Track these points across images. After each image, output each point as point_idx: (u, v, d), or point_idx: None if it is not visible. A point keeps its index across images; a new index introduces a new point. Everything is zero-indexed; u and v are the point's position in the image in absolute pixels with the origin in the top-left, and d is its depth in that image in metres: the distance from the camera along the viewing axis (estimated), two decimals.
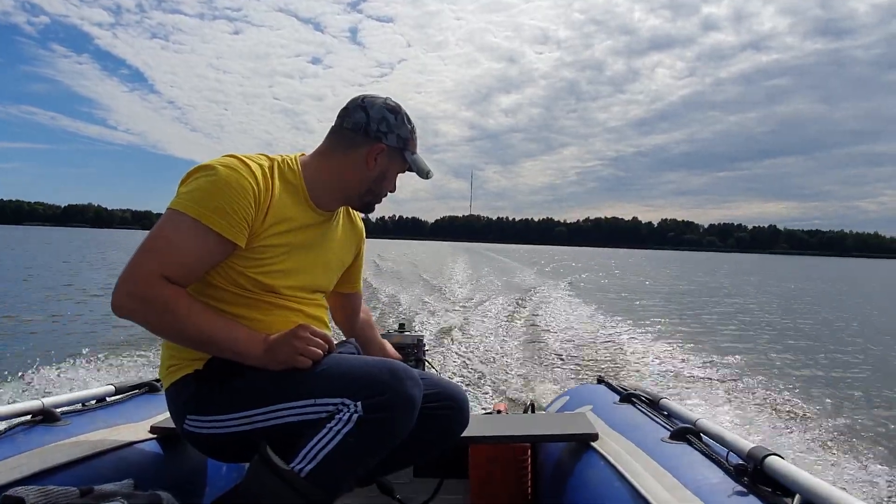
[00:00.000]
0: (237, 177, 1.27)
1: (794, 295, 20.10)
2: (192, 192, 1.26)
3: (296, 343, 1.25)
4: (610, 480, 1.32)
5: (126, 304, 1.21)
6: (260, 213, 1.30)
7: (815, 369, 7.04)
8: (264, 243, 1.32)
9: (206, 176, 1.27)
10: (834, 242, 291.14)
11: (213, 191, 1.25)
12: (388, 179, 1.47)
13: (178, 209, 1.25)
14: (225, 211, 1.24)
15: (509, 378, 5.52)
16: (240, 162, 1.30)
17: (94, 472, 1.30)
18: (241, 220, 1.26)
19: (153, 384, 1.95)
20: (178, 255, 1.23)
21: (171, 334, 1.28)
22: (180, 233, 1.24)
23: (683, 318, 11.84)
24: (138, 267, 1.21)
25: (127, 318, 1.23)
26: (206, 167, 1.29)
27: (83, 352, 5.80)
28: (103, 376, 4.93)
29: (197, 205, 1.24)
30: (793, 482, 1.01)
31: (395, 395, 1.20)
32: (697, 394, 5.29)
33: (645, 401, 1.81)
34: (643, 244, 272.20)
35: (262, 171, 1.32)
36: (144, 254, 1.23)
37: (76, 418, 1.56)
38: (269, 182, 1.33)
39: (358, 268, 1.68)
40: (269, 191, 1.32)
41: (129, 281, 1.21)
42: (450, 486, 1.93)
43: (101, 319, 8.48)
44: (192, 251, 1.24)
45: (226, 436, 1.28)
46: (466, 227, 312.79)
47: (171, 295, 1.22)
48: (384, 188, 1.47)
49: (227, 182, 1.25)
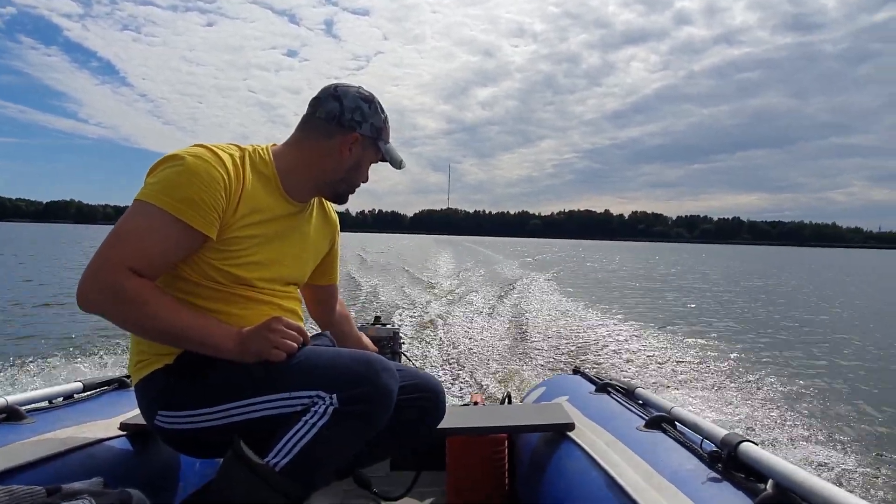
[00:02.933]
0: (206, 167, 1.24)
1: (759, 285, 20.56)
2: (160, 183, 1.22)
3: (269, 336, 1.23)
4: (586, 469, 1.33)
5: (92, 297, 1.18)
6: (231, 204, 1.27)
7: (786, 355, 7.20)
8: (236, 234, 1.29)
9: (175, 166, 1.24)
10: (793, 233, 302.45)
11: (181, 181, 1.22)
12: (362, 169, 1.45)
13: (146, 200, 1.21)
14: (194, 201, 1.21)
15: (486, 370, 5.54)
16: (209, 152, 1.27)
17: (62, 471, 1.27)
18: (211, 210, 1.24)
19: (123, 380, 1.91)
20: (145, 247, 1.20)
21: (140, 329, 1.24)
22: (148, 224, 1.21)
23: (656, 308, 12.02)
24: (104, 259, 1.18)
25: (94, 313, 1.20)
26: (174, 157, 1.25)
27: (49, 348, 5.67)
28: (71, 373, 4.83)
29: (165, 195, 1.21)
30: (766, 468, 1.02)
31: (370, 386, 1.19)
32: (672, 383, 5.38)
33: (620, 390, 1.83)
34: (614, 236, 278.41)
35: (232, 161, 1.29)
36: (111, 246, 1.19)
37: (42, 416, 1.52)
38: (240, 172, 1.30)
39: (333, 259, 1.66)
40: (240, 181, 1.29)
41: (95, 274, 1.18)
42: (427, 479, 1.93)
43: (68, 315, 8.30)
44: (160, 243, 1.21)
45: (198, 431, 1.26)
46: (445, 221, 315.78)
47: (139, 288, 1.19)
48: (358, 178, 1.46)
49: (196, 172, 1.23)
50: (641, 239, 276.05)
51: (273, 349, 1.23)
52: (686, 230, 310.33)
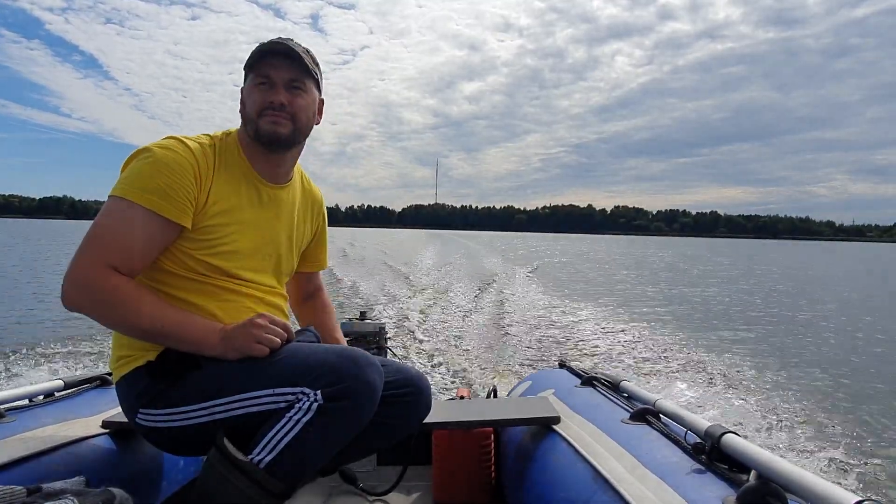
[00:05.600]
0: (174, 156, 1.24)
1: (737, 277, 20.83)
2: (130, 177, 1.23)
3: (253, 331, 1.23)
4: (572, 462, 1.33)
5: (74, 297, 1.18)
6: (203, 192, 1.27)
7: (767, 347, 7.30)
8: (209, 223, 1.29)
9: (143, 159, 1.24)
10: (768, 226, 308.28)
11: (151, 173, 1.22)
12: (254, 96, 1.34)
13: (118, 195, 1.22)
14: (165, 192, 1.21)
15: (472, 364, 5.55)
16: (177, 142, 1.28)
17: (42, 470, 1.25)
18: (183, 199, 1.23)
19: (104, 377, 1.88)
20: (121, 243, 1.20)
21: (123, 327, 1.24)
22: (122, 219, 1.21)
23: (640, 302, 12.12)
24: (83, 258, 1.19)
25: (76, 312, 1.20)
26: (143, 150, 1.26)
27: (29, 346, 5.59)
28: (51, 371, 4.76)
29: (136, 189, 1.21)
30: (748, 458, 1.03)
31: (355, 382, 1.18)
32: (656, 376, 5.43)
33: (605, 384, 1.84)
34: (597, 230, 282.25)
35: (201, 150, 1.29)
36: (88, 244, 1.20)
37: (22, 414, 1.50)
38: (208, 159, 1.30)
39: (322, 243, 1.66)
40: (210, 168, 1.29)
41: (75, 273, 1.18)
42: (413, 473, 1.93)
43: (48, 312, 8.19)
44: (136, 237, 1.21)
45: (182, 429, 1.25)
46: (433, 216, 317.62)
47: (120, 285, 1.18)
48: (253, 105, 1.34)
49: (165, 163, 1.23)
50: (622, 232, 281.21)
51: (256, 345, 1.22)
52: (665, 224, 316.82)
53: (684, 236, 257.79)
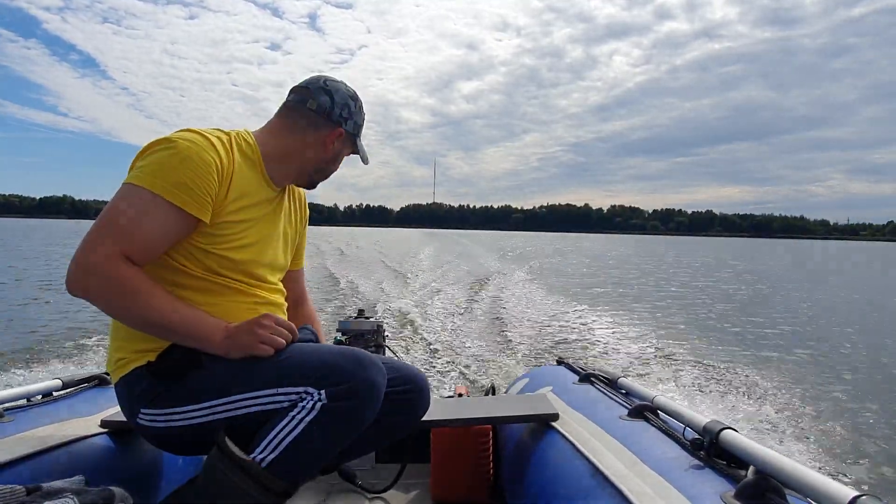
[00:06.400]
0: (198, 150, 1.22)
1: (733, 275, 20.88)
2: (151, 166, 1.20)
3: (258, 331, 1.22)
4: (570, 459, 1.33)
5: (83, 283, 1.15)
6: (223, 188, 1.26)
7: (767, 345, 7.32)
8: (227, 219, 1.28)
9: (166, 149, 1.21)
10: (762, 225, 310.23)
11: (174, 164, 1.20)
12: (339, 161, 1.51)
13: (137, 184, 1.19)
14: (188, 186, 1.20)
15: (470, 361, 5.56)
16: (200, 136, 1.26)
17: (42, 469, 1.25)
18: (205, 195, 1.22)
19: (103, 377, 1.88)
20: (138, 233, 1.18)
21: (128, 317, 1.22)
22: (140, 208, 1.18)
23: (638, 299, 12.14)
24: (96, 244, 1.15)
25: (83, 298, 1.17)
26: (165, 140, 1.23)
27: (27, 346, 5.57)
28: (49, 370, 4.75)
29: (158, 179, 1.19)
30: (747, 454, 1.03)
31: (358, 382, 1.18)
32: (654, 372, 5.44)
33: (603, 380, 1.84)
34: (593, 229, 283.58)
35: (222, 145, 1.28)
36: (102, 231, 1.16)
37: (20, 414, 1.49)
38: (230, 156, 1.29)
39: (304, 241, 1.67)
40: (230, 165, 1.29)
41: (86, 259, 1.14)
42: (412, 471, 1.93)
43: (47, 312, 8.17)
44: (154, 229, 1.19)
45: (182, 429, 1.24)
46: (431, 215, 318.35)
47: (132, 276, 1.16)
48: (333, 169, 1.52)
49: (189, 156, 1.21)
50: (618, 231, 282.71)
51: (261, 345, 1.22)
52: (661, 223, 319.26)
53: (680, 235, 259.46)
